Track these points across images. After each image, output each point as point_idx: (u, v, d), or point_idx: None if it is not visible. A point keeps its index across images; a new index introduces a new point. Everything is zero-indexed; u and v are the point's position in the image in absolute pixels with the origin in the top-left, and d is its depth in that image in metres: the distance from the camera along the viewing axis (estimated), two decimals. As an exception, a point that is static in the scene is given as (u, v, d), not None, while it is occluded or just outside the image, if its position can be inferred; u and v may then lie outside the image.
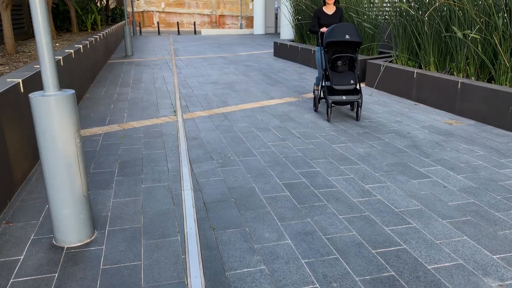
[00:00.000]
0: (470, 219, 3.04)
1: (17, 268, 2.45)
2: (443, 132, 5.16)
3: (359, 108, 5.57)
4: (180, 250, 2.63)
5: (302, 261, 2.52)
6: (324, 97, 5.64)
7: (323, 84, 5.86)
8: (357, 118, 5.65)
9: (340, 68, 5.70)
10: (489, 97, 5.46)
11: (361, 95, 5.55)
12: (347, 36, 5.35)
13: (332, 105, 6.04)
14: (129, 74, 9.66)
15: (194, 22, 25.79)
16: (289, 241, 2.75)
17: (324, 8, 6.00)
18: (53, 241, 2.72)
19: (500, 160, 4.22)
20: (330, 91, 5.64)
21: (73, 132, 2.50)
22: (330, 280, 2.35)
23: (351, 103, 5.65)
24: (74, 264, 2.49)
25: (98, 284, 2.31)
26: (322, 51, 5.94)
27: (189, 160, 4.19)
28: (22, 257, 2.55)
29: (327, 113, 5.62)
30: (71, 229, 2.64)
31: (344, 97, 5.48)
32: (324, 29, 5.84)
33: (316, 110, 6.20)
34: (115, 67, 10.70)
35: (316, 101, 6.16)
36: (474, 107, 5.71)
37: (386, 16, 8.89)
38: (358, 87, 6.90)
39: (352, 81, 5.49)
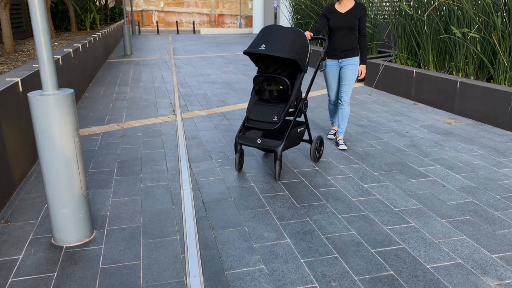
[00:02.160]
0: (469, 219, 3.04)
1: (16, 267, 2.45)
2: (442, 132, 5.16)
3: (277, 164, 3.61)
4: (179, 250, 2.63)
5: (301, 261, 2.52)
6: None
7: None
8: (275, 176, 3.68)
9: (266, 95, 3.78)
10: (488, 97, 5.47)
11: (284, 144, 3.58)
12: (262, 46, 3.40)
13: (239, 147, 3.76)
14: (128, 73, 9.65)
15: (193, 21, 25.77)
16: (288, 240, 2.75)
17: (337, 5, 4.32)
18: (52, 241, 2.72)
19: (499, 159, 4.23)
20: (244, 127, 3.83)
21: (72, 132, 2.50)
22: (329, 280, 2.35)
23: (266, 151, 3.68)
24: (73, 263, 2.49)
25: (97, 283, 2.31)
26: (327, 68, 4.45)
27: (188, 160, 4.18)
28: (21, 257, 2.55)
29: (237, 162, 3.82)
30: (70, 228, 2.63)
31: (259, 140, 3.62)
32: (308, 34, 4.11)
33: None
34: (114, 67, 10.69)
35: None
36: (473, 106, 5.72)
37: (386, 16, 8.89)
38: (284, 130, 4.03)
39: (275, 118, 3.58)
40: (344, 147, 4.46)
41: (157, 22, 25.84)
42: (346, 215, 3.08)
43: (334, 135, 4.87)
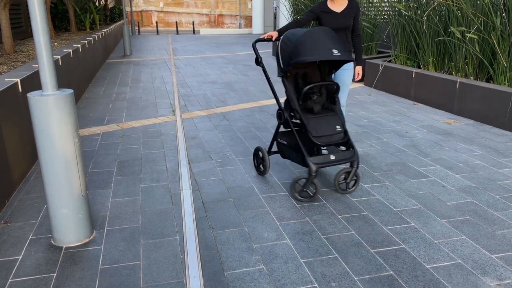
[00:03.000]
0: (468, 219, 3.04)
1: (15, 268, 2.44)
2: (441, 132, 5.17)
3: (354, 175, 3.40)
4: (179, 250, 2.63)
5: (301, 261, 2.52)
6: (293, 159, 3.41)
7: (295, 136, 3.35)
8: (347, 188, 3.45)
9: (316, 106, 3.41)
10: (488, 97, 5.47)
11: (356, 150, 3.37)
12: (334, 52, 3.11)
13: (315, 174, 3.21)
14: (127, 73, 9.65)
15: (193, 22, 25.77)
16: (288, 240, 2.75)
17: (330, 3, 3.91)
18: (52, 241, 2.72)
19: (498, 159, 4.23)
20: (310, 147, 3.40)
21: (72, 132, 2.49)
22: (329, 280, 2.35)
23: (341, 163, 3.30)
24: (73, 264, 2.49)
25: (97, 284, 2.31)
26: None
27: (188, 160, 4.18)
28: (20, 257, 2.55)
29: (306, 194, 3.38)
30: (69, 229, 2.63)
31: (332, 156, 3.26)
32: (272, 34, 3.65)
33: (264, 173, 3.79)
34: (113, 67, 10.69)
35: (265, 160, 3.70)
36: (473, 106, 5.72)
37: (385, 16, 8.90)
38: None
39: (338, 127, 3.32)
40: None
41: (156, 22, 25.83)
42: (346, 215, 3.08)
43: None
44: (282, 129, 5.00)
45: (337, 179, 3.41)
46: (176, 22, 26.02)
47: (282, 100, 6.64)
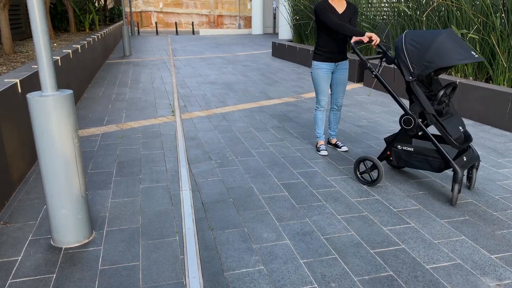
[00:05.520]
0: (468, 219, 3.04)
1: (15, 268, 2.44)
2: (441, 132, 5.17)
3: (475, 170, 3.44)
4: (178, 251, 2.63)
5: (301, 261, 2.52)
6: (422, 166, 3.37)
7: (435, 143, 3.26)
8: (470, 186, 3.49)
9: (446, 109, 3.37)
10: (487, 97, 5.47)
11: (476, 151, 3.44)
12: (475, 54, 3.06)
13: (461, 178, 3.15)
14: (127, 74, 9.65)
15: (192, 22, 25.77)
16: (288, 241, 2.74)
17: (331, 1, 4.01)
18: (51, 242, 2.71)
19: (498, 160, 4.23)
20: (451, 151, 3.32)
21: (71, 132, 2.49)
22: (329, 280, 2.35)
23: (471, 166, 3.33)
24: (72, 264, 2.49)
25: (96, 284, 2.31)
26: (321, 71, 4.04)
27: (188, 160, 4.18)
28: (20, 258, 2.55)
29: (454, 196, 3.21)
30: (69, 229, 2.63)
31: (464, 157, 3.24)
32: (371, 36, 3.66)
33: (373, 183, 3.59)
34: (113, 67, 10.69)
35: (379, 169, 3.52)
36: (472, 107, 5.72)
37: (384, 16, 8.90)
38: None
39: (461, 128, 3.30)
40: (346, 148, 4.45)
41: (156, 23, 25.84)
42: (346, 216, 3.08)
43: (326, 149, 4.38)
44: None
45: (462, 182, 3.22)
46: (176, 22, 26.03)
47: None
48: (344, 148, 4.45)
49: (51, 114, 2.39)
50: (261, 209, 3.18)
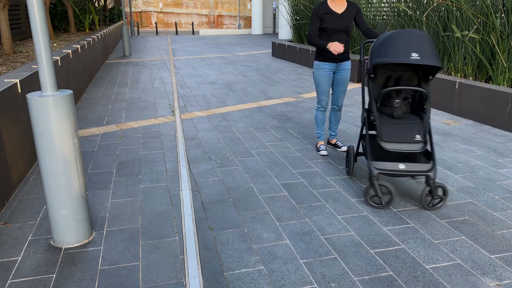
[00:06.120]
0: (468, 219, 3.04)
1: (14, 269, 2.44)
2: (441, 132, 5.17)
3: (427, 191, 3.15)
4: (178, 251, 2.63)
5: (301, 261, 2.52)
6: (366, 156, 3.34)
7: (363, 133, 3.58)
8: (429, 205, 3.18)
9: (397, 110, 3.30)
10: (487, 97, 5.47)
11: (434, 164, 3.12)
12: (413, 55, 2.95)
13: (376, 179, 3.17)
14: (127, 74, 9.65)
15: (192, 22, 25.77)
16: (288, 241, 2.74)
17: (330, 3, 3.99)
18: (51, 242, 2.71)
19: (497, 160, 4.23)
20: (377, 152, 3.44)
21: (71, 133, 2.49)
22: (329, 280, 2.35)
23: (414, 176, 3.16)
24: (72, 265, 2.48)
25: (96, 285, 2.31)
26: (323, 71, 4.08)
27: (187, 160, 4.18)
28: (19, 258, 2.55)
29: (377, 193, 3.18)
30: (69, 229, 2.63)
31: (401, 165, 3.14)
32: (335, 45, 3.77)
33: (349, 173, 3.78)
34: (113, 67, 10.69)
35: (350, 160, 3.70)
36: (472, 107, 5.72)
37: (384, 16, 8.90)
38: (428, 147, 3.80)
39: (418, 136, 3.17)
40: (346, 148, 4.45)
41: (156, 23, 25.84)
42: (345, 216, 3.08)
43: (326, 149, 4.38)
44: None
45: (423, 194, 3.16)
46: (176, 22, 26.03)
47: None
48: (344, 148, 4.45)
49: (51, 114, 2.39)
50: (261, 209, 3.18)
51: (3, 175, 3.23)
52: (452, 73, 6.51)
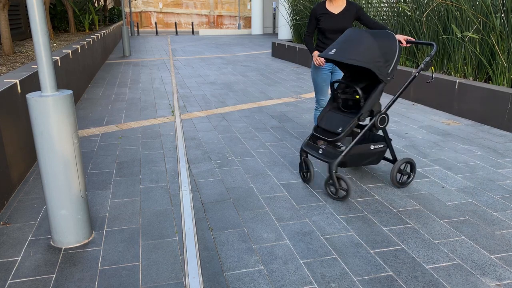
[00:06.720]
0: (468, 219, 3.04)
1: (14, 269, 2.44)
2: (441, 132, 5.17)
3: (327, 181, 3.36)
4: (178, 251, 2.63)
5: (301, 261, 2.52)
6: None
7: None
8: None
9: (339, 104, 3.53)
10: (487, 97, 5.47)
11: (341, 160, 3.27)
12: (332, 51, 3.18)
13: (303, 155, 3.56)
14: (127, 74, 9.64)
15: (192, 23, 25.78)
16: (288, 241, 2.74)
17: (327, 3, 3.98)
18: (51, 242, 2.71)
19: (497, 160, 4.23)
20: (312, 135, 3.60)
21: (71, 133, 2.49)
22: (329, 280, 2.35)
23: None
24: (72, 265, 2.48)
25: (96, 285, 2.31)
26: (321, 71, 4.08)
27: (187, 161, 4.18)
28: (19, 258, 2.55)
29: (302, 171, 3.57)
30: (68, 230, 2.63)
31: (320, 150, 3.40)
32: (315, 57, 3.93)
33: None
34: (113, 68, 10.69)
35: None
36: (472, 107, 5.72)
37: (384, 17, 8.90)
38: (341, 145, 3.86)
39: (339, 129, 3.31)
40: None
41: (156, 23, 25.84)
42: (345, 216, 3.08)
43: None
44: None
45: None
46: (175, 23, 26.04)
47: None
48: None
49: (51, 114, 2.39)
50: (260, 209, 3.18)
51: (3, 175, 3.23)
52: (452, 73, 6.51)
